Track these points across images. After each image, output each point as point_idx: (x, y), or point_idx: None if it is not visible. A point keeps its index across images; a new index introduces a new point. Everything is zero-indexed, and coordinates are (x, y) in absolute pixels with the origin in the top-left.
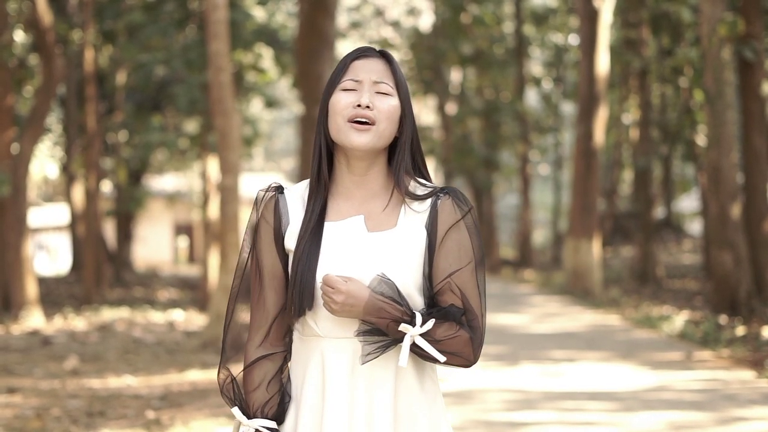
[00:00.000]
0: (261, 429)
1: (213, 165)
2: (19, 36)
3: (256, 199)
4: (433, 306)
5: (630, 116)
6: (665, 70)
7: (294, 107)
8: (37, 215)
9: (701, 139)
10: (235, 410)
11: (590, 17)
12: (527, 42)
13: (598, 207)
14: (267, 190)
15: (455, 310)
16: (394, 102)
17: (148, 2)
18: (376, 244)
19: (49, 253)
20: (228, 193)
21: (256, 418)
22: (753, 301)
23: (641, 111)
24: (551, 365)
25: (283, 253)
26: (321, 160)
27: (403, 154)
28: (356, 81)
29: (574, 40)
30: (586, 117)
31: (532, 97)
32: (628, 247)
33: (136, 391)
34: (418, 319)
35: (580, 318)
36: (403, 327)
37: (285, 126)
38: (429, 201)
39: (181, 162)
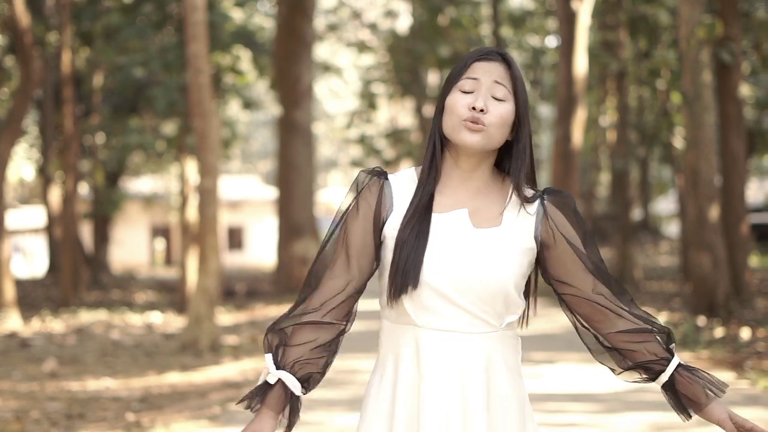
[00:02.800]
0: (285, 382)
1: (191, 167)
2: None
3: (357, 179)
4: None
5: (607, 118)
6: (643, 73)
7: (271, 109)
8: (13, 218)
9: (678, 142)
10: (268, 357)
11: (568, 19)
12: (505, 44)
13: None
14: (371, 173)
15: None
16: (508, 107)
17: (125, 4)
18: (481, 240)
19: (26, 256)
20: (207, 195)
21: (284, 370)
22: (731, 302)
23: (619, 113)
24: (531, 367)
25: (377, 237)
26: (435, 152)
27: (522, 160)
28: (474, 81)
29: (551, 42)
30: (564, 119)
31: None
32: (605, 249)
33: (116, 393)
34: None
35: (559, 319)
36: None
37: (262, 128)
38: (536, 204)
39: (158, 164)
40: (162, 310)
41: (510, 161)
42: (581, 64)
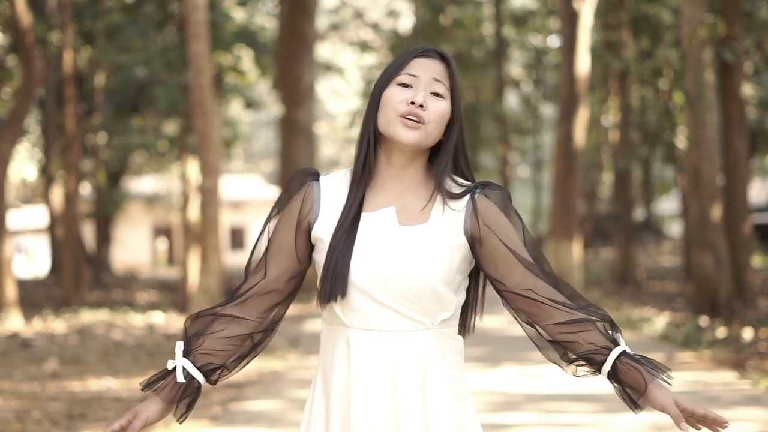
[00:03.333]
0: (186, 369)
1: (193, 167)
2: None
3: (290, 179)
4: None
5: (610, 118)
6: (645, 72)
7: (274, 109)
8: (15, 217)
9: (681, 141)
10: (179, 344)
11: (571, 19)
12: (507, 44)
13: (578, 209)
14: (303, 173)
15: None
16: (446, 105)
17: (127, 4)
18: (407, 238)
19: (28, 256)
20: (208, 194)
21: (187, 359)
22: (734, 302)
23: (621, 113)
24: (533, 367)
25: (302, 239)
26: (368, 150)
27: (446, 158)
28: (413, 77)
29: (553, 42)
30: (566, 119)
31: (512, 99)
32: (608, 249)
33: (117, 393)
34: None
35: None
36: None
37: (264, 128)
38: (466, 199)
39: (160, 164)
40: (164, 310)
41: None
42: (583, 64)
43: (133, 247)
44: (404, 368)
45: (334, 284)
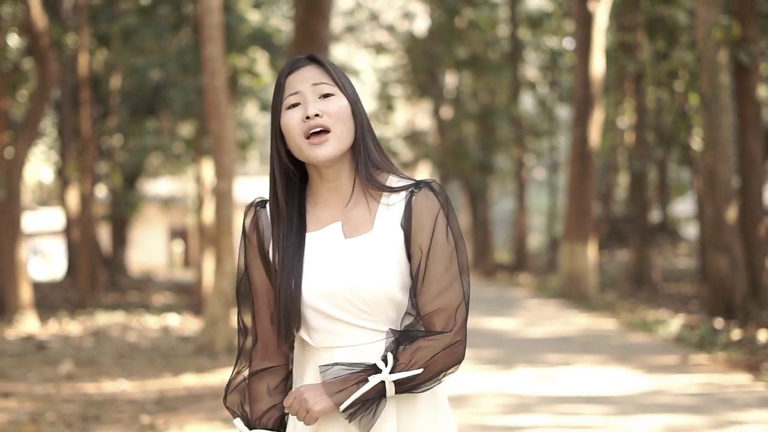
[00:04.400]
0: None
1: (208, 169)
2: (14, 40)
3: (244, 214)
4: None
5: (625, 120)
6: (661, 74)
7: None
8: (32, 220)
9: (697, 143)
10: (237, 421)
11: (585, 21)
12: (522, 46)
13: (593, 211)
14: (250, 206)
15: (412, 328)
16: (341, 101)
17: (142, 6)
18: (353, 250)
19: (44, 258)
20: (223, 197)
21: (256, 429)
22: (749, 304)
23: (637, 115)
24: (546, 369)
25: (269, 269)
26: (276, 189)
27: (359, 147)
28: (296, 94)
29: (569, 43)
30: (581, 121)
31: (527, 101)
32: (623, 251)
33: (131, 395)
34: (381, 364)
35: (576, 322)
36: (373, 378)
37: None
38: (403, 195)
39: (176, 166)
40: (179, 312)
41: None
42: (598, 66)
43: (149, 249)
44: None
45: (288, 319)
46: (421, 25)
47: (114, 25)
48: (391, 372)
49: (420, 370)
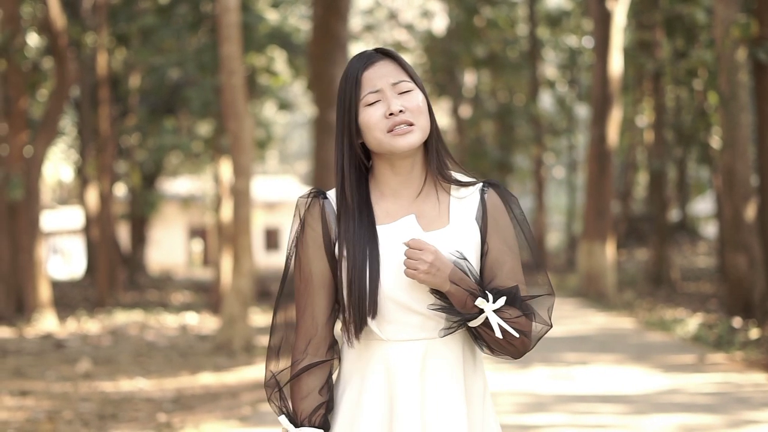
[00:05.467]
0: None
1: (226, 168)
2: (33, 39)
3: (297, 205)
4: None
5: (644, 119)
6: (680, 73)
7: (307, 110)
8: (51, 218)
9: (716, 142)
10: (282, 419)
11: (603, 19)
12: (541, 44)
13: (612, 210)
14: (309, 197)
15: (517, 292)
16: (419, 95)
17: (161, 5)
18: (434, 244)
19: (64, 257)
20: (240, 196)
21: (304, 426)
22: (767, 303)
23: (655, 113)
24: (563, 368)
25: (333, 260)
26: (344, 184)
27: (432, 141)
28: (376, 92)
29: (588, 42)
30: (599, 119)
31: (546, 100)
32: (642, 250)
33: (148, 394)
34: (490, 295)
35: (593, 321)
36: (480, 302)
37: (299, 129)
38: (476, 194)
39: (195, 165)
40: (197, 310)
41: (426, 151)
42: (616, 65)
43: (168, 248)
44: (447, 372)
45: (363, 308)
46: (440, 23)
47: (133, 25)
48: (495, 311)
49: (517, 335)
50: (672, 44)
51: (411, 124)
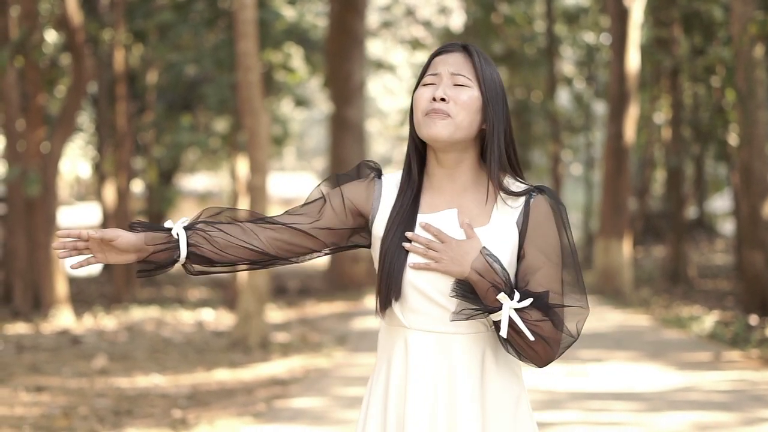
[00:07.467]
0: (177, 236)
1: (242, 164)
2: (51, 36)
3: (359, 166)
4: None
5: (662, 116)
6: (697, 69)
7: (324, 107)
8: (69, 214)
9: (733, 139)
10: (184, 219)
11: (620, 16)
12: (558, 41)
13: (629, 207)
14: (370, 168)
15: (546, 298)
16: (472, 93)
17: (178, 2)
18: None
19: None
20: (257, 192)
21: (181, 229)
22: None
23: (673, 110)
24: (578, 365)
25: (345, 217)
26: (411, 158)
27: (492, 146)
28: (435, 75)
29: (605, 39)
30: (616, 116)
31: (563, 97)
32: (659, 247)
33: (164, 390)
34: (517, 294)
35: (610, 318)
36: (502, 297)
37: (317, 125)
38: (522, 198)
39: (212, 161)
40: (213, 307)
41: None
42: (634, 61)
43: None
44: (461, 371)
45: (389, 291)
46: (458, 20)
47: (150, 21)
48: (516, 309)
49: (531, 337)
50: (689, 41)
51: (449, 116)
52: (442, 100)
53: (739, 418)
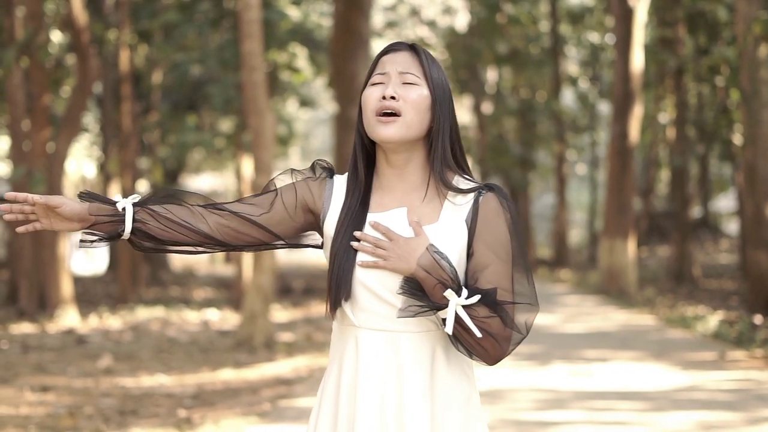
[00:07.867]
0: (125, 211)
1: (247, 164)
2: (56, 36)
3: (312, 164)
4: None
5: (666, 115)
6: (702, 69)
7: (329, 107)
8: None
9: (738, 139)
10: (134, 196)
11: (625, 16)
12: (563, 41)
13: (634, 206)
14: (322, 167)
15: (494, 295)
16: (421, 91)
17: (183, 2)
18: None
19: (87, 253)
20: None
21: (136, 206)
22: None
23: (677, 110)
24: (583, 365)
25: (296, 214)
26: (357, 159)
27: (437, 144)
28: (383, 74)
29: (610, 39)
30: (621, 116)
31: (568, 97)
32: (664, 247)
33: (169, 389)
34: (465, 291)
35: (614, 317)
36: (449, 293)
37: (321, 125)
38: (471, 196)
39: (217, 161)
40: (219, 307)
41: (428, 150)
42: (638, 61)
43: None
44: (412, 369)
45: (339, 286)
46: (462, 20)
47: (155, 21)
48: (463, 306)
49: (479, 334)
50: (694, 41)
51: (398, 115)
52: (392, 98)
53: (744, 418)
